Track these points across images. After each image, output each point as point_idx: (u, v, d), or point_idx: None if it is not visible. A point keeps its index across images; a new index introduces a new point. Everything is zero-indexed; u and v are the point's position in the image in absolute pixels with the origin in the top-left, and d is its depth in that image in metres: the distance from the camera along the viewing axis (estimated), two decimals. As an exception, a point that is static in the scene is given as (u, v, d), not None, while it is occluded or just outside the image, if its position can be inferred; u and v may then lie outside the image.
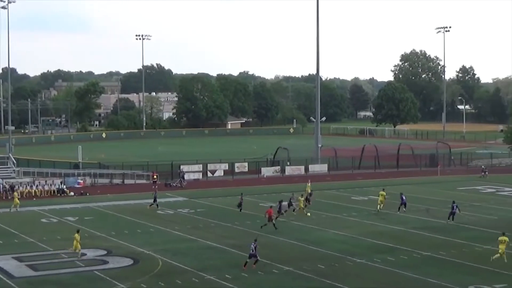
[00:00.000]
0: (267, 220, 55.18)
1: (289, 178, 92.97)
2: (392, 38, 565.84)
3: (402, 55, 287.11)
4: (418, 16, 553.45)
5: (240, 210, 63.90)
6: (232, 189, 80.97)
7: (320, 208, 66.05)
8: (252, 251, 41.98)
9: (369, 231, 54.02)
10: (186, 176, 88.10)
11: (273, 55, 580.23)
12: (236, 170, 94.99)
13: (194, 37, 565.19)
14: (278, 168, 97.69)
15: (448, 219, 58.01)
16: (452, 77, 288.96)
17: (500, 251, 43.36)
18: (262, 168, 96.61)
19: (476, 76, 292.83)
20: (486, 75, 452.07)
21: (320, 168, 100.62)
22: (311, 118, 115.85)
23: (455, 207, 58.45)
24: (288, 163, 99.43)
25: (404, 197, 63.53)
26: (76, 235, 45.52)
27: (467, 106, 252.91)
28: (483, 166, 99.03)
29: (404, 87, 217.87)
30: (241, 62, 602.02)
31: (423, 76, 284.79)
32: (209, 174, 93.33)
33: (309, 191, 69.70)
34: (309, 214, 61.74)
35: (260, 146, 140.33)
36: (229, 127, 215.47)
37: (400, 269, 41.53)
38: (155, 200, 66.30)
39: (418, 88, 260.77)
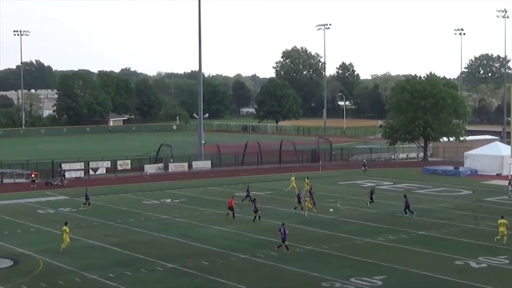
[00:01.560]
0: (229, 209, 58.62)
1: (173, 175, 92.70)
2: (273, 35, 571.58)
3: (284, 52, 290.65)
4: (299, 13, 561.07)
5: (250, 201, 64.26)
6: (115, 186, 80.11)
7: (204, 205, 66.14)
8: (282, 234, 44.94)
9: (252, 227, 54.41)
10: (67, 175, 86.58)
11: (155, 52, 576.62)
12: (119, 167, 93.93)
13: (74, 34, 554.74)
14: (161, 165, 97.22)
15: (406, 214, 58.86)
16: (332, 74, 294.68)
17: (501, 233, 47.36)
18: (145, 165, 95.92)
19: (355, 73, 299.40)
20: (365, 72, 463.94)
21: (203, 164, 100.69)
22: (194, 114, 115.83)
23: (406, 200, 59.51)
24: (172, 160, 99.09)
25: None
26: (65, 227, 46.00)
27: (347, 102, 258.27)
28: (364, 160, 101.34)
29: (286, 84, 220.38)
30: (123, 59, 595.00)
31: (304, 72, 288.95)
32: (91, 172, 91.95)
33: (309, 188, 69.36)
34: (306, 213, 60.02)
35: (143, 143, 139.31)
36: (111, 124, 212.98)
37: (283, 264, 42.01)
38: (87, 199, 65.27)
39: (299, 85, 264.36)
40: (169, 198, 71.02)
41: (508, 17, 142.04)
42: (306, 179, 72.09)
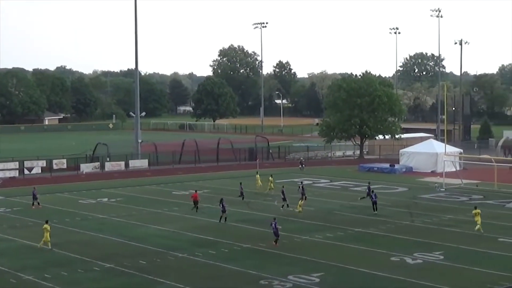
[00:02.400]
0: (194, 204, 60.85)
1: (109, 174, 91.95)
2: (210, 34, 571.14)
3: (221, 50, 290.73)
4: (236, 12, 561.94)
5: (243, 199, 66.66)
6: (50, 186, 79.09)
7: (141, 204, 65.78)
8: (274, 228, 46.47)
9: (190, 226, 54.32)
10: (1, 174, 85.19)
11: (91, 50, 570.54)
12: (55, 166, 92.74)
13: (8, 31, 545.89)
14: (97, 164, 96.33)
15: (374, 210, 59.25)
16: (269, 72, 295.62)
17: (478, 222, 50.48)
18: (81, 165, 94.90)
19: (292, 71, 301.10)
20: (302, 70, 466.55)
21: (140, 163, 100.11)
22: (131, 113, 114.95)
23: (373, 196, 59.86)
24: (108, 159, 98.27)
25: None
26: (46, 225, 46.01)
27: (284, 101, 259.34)
28: (301, 158, 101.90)
29: (223, 82, 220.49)
30: (58, 57, 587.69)
31: (241, 71, 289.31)
32: (26, 172, 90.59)
33: (273, 186, 71.16)
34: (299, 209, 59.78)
35: (79, 142, 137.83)
36: (47, 123, 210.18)
37: (221, 262, 42.04)
38: (35, 198, 64.50)
39: (236, 83, 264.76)
40: (106, 198, 70.44)
41: (441, 16, 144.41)
42: (270, 177, 72.63)
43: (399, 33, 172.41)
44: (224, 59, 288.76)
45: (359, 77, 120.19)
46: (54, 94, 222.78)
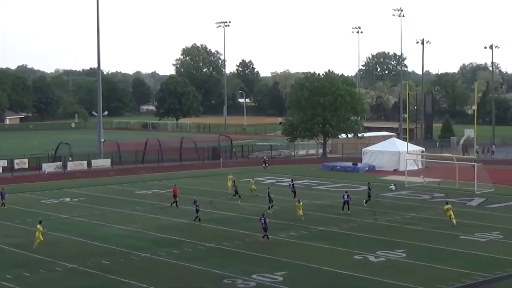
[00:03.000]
0: (174, 198, 62.76)
1: (72, 173, 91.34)
2: (173, 32, 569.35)
3: (184, 49, 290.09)
4: (198, 11, 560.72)
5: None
6: (12, 186, 78.24)
7: (104, 204, 65.44)
8: (263, 224, 47.57)
9: (153, 225, 54.17)
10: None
11: (53, 49, 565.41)
12: (16, 166, 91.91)
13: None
14: (59, 163, 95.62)
15: (343, 210, 59.20)
16: (232, 71, 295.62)
17: (452, 217, 51.97)
18: (43, 164, 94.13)
19: (255, 70, 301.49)
20: (265, 69, 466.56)
21: (103, 163, 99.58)
22: (93, 112, 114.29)
23: (346, 196, 59.70)
24: (70, 159, 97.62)
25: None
26: (39, 226, 45.69)
27: (247, 100, 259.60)
28: (265, 157, 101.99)
29: (186, 81, 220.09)
30: (19, 56, 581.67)
31: (204, 70, 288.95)
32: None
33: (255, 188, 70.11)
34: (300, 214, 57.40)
35: (41, 141, 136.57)
36: (8, 122, 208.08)
37: (185, 262, 41.99)
38: (3, 198, 63.90)
39: (199, 82, 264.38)
40: (68, 197, 69.97)
41: (403, 16, 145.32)
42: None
43: (361, 32, 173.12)
44: (187, 58, 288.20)
45: (322, 76, 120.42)
46: (15, 93, 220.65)
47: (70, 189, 76.64)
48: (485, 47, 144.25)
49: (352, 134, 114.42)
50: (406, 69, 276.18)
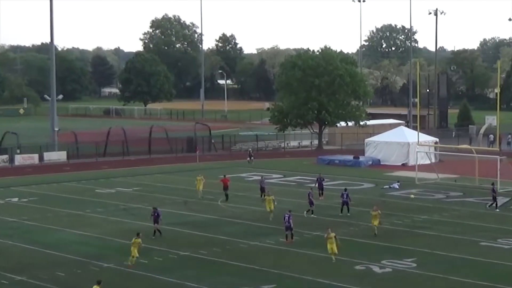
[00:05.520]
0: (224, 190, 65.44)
1: (20, 169, 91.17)
2: (140, 2, 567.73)
3: (153, 21, 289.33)
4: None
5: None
6: None
7: (59, 204, 65.34)
8: (287, 223, 49.00)
9: (117, 230, 54.12)
10: None
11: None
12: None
13: None
14: (5, 157, 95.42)
15: (341, 212, 59.39)
16: (211, 47, 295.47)
17: (376, 224, 51.53)
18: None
19: (238, 46, 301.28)
20: (249, 45, 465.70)
21: (57, 156, 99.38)
22: (46, 96, 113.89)
23: (345, 196, 59.77)
24: (18, 151, 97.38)
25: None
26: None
27: (228, 81, 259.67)
28: (250, 150, 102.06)
29: (155, 59, 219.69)
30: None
31: (177, 45, 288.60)
32: None
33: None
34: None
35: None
36: None
37: (154, 273, 41.97)
38: None
39: (172, 60, 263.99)
40: (16, 197, 69.84)
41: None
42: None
43: (363, 1, 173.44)
44: (157, 31, 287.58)
45: (317, 53, 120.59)
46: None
47: (18, 187, 76.49)
48: (510, 19, 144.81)
49: (353, 122, 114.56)
50: (416, 45, 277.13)
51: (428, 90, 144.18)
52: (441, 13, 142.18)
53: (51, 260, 45.50)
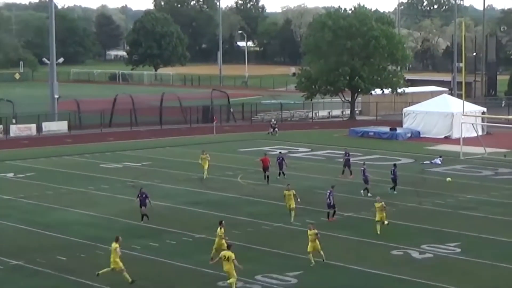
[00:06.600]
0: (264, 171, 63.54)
1: (16, 141, 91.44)
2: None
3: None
4: None
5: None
6: None
7: (59, 181, 65.53)
8: (329, 200, 50.16)
9: (124, 209, 54.13)
10: None
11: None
12: None
13: None
14: (0, 127, 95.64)
15: (391, 188, 59.67)
16: (229, 5, 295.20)
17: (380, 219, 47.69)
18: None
19: (260, 4, 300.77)
20: (273, 3, 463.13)
21: (57, 126, 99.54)
22: (44, 59, 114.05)
23: (395, 171, 59.91)
24: (14, 121, 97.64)
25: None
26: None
27: (249, 43, 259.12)
28: (273, 120, 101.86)
29: (167, 18, 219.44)
30: None
31: (192, 3, 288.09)
32: None
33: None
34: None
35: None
36: None
37: (167, 258, 42.00)
38: None
39: (186, 20, 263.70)
40: (12, 172, 70.08)
41: None
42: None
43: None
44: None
45: (350, 12, 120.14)
46: None
47: (14, 161, 76.77)
48: None
49: (390, 90, 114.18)
50: (461, 2, 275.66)
51: (474, 54, 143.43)
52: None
53: (51, 243, 45.65)
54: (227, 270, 37.22)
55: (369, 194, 57.89)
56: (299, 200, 51.34)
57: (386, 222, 47.43)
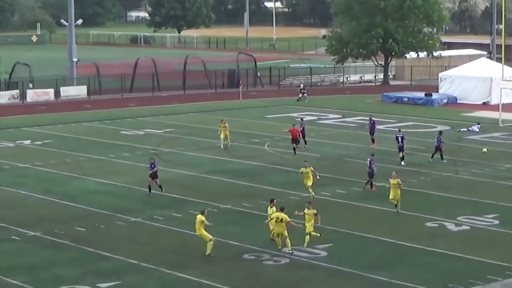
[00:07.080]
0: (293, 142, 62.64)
1: (33, 106, 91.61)
2: None
3: None
4: None
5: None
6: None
7: (78, 148, 65.74)
8: (369, 168, 50.40)
9: (146, 179, 54.25)
10: None
11: None
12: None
13: None
14: (16, 92, 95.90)
15: (432, 156, 59.70)
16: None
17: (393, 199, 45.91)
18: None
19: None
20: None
21: (76, 91, 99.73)
22: (62, 21, 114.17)
23: (440, 139, 59.71)
24: (31, 85, 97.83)
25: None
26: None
27: (277, 3, 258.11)
28: (302, 85, 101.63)
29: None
30: None
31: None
32: None
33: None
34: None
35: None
36: None
37: (190, 229, 41.92)
38: None
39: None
40: (28, 139, 70.31)
41: None
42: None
43: None
44: None
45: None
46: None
47: (31, 127, 77.00)
48: None
49: (425, 53, 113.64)
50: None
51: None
52: None
53: (69, 213, 45.91)
54: (278, 232, 38.14)
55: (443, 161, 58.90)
56: (318, 177, 49.62)
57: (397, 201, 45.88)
